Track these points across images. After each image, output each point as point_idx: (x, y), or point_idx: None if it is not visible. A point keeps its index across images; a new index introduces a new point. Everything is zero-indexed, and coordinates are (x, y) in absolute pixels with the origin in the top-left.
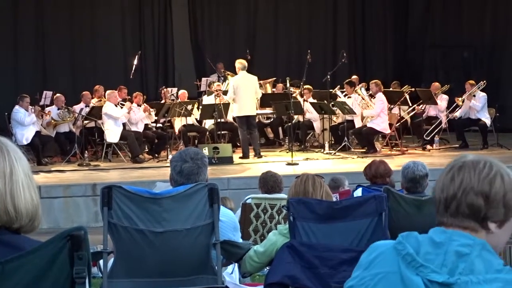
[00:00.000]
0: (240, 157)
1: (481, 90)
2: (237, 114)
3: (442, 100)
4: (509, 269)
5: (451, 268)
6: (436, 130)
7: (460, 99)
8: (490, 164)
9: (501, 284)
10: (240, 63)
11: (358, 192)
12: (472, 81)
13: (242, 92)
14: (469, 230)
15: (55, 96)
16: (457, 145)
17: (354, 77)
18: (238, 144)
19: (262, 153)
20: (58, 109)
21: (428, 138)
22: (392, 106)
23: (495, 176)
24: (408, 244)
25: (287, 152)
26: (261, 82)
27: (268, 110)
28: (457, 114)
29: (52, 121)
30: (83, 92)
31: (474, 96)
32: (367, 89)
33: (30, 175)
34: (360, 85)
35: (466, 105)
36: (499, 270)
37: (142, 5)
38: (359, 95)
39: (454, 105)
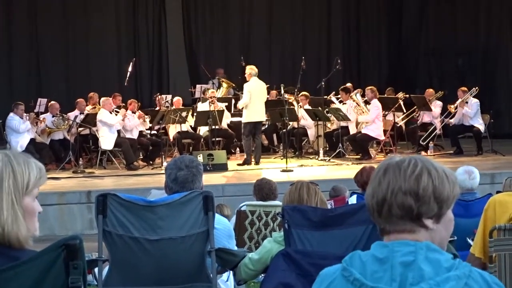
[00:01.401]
0: (239, 164)
1: (475, 96)
2: (247, 120)
3: (436, 107)
4: (459, 262)
5: (400, 280)
6: (430, 136)
7: (452, 106)
8: (415, 161)
9: (454, 283)
10: (251, 69)
11: (353, 199)
12: (464, 88)
13: (255, 98)
14: (406, 232)
15: (49, 104)
16: (452, 151)
17: (348, 84)
18: (233, 151)
19: None
20: (53, 116)
21: (424, 143)
22: (387, 112)
23: (421, 172)
24: (353, 268)
25: (282, 159)
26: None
27: None
28: (452, 120)
29: (47, 128)
30: (78, 99)
31: (467, 102)
32: (363, 95)
33: (1, 193)
34: (355, 91)
35: (459, 112)
36: (449, 268)
37: (136, 12)
38: (353, 101)
39: (447, 112)
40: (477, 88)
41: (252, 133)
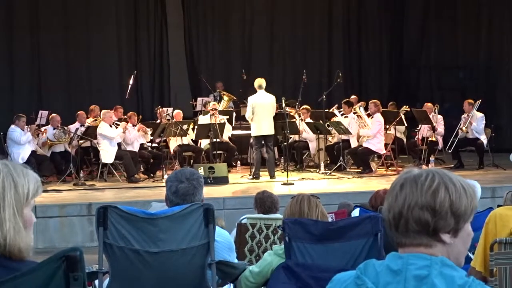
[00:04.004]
0: (250, 178)
1: (479, 110)
2: (255, 133)
3: (439, 125)
4: (473, 280)
5: None
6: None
7: (464, 128)
8: (432, 175)
9: None
10: (257, 82)
11: (356, 213)
12: (470, 100)
13: (260, 112)
14: (423, 247)
15: (50, 116)
16: (452, 165)
17: (353, 97)
18: (234, 164)
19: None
20: (54, 129)
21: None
22: (388, 126)
23: (438, 187)
24: (367, 277)
25: (283, 172)
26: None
27: None
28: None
29: (48, 141)
30: (79, 112)
31: (471, 116)
32: (366, 109)
33: (3, 205)
34: (359, 104)
35: (469, 128)
36: (462, 285)
37: (138, 25)
38: (354, 113)
39: (456, 132)
40: (479, 100)
41: (261, 147)
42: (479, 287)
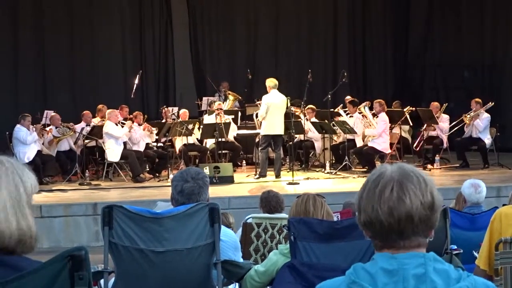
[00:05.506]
0: (256, 177)
1: (487, 111)
2: (265, 132)
3: (444, 122)
4: (466, 274)
5: None
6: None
7: (468, 116)
8: (417, 171)
9: None
10: (271, 81)
11: None
12: (478, 99)
13: (273, 112)
14: (421, 247)
15: (51, 116)
16: (458, 165)
17: (347, 97)
18: (239, 164)
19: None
20: (56, 127)
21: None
22: (393, 125)
23: (429, 183)
24: (361, 281)
25: (288, 172)
26: (260, 102)
27: None
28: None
29: (54, 138)
30: (84, 112)
31: (478, 115)
32: (370, 108)
33: (19, 199)
34: (364, 104)
35: (471, 124)
36: (457, 279)
37: (143, 24)
38: (359, 113)
39: (460, 120)
40: (492, 102)
41: (269, 146)
42: (471, 277)
